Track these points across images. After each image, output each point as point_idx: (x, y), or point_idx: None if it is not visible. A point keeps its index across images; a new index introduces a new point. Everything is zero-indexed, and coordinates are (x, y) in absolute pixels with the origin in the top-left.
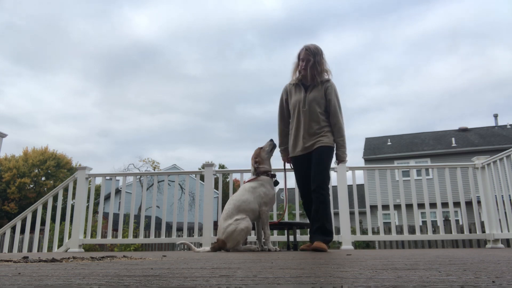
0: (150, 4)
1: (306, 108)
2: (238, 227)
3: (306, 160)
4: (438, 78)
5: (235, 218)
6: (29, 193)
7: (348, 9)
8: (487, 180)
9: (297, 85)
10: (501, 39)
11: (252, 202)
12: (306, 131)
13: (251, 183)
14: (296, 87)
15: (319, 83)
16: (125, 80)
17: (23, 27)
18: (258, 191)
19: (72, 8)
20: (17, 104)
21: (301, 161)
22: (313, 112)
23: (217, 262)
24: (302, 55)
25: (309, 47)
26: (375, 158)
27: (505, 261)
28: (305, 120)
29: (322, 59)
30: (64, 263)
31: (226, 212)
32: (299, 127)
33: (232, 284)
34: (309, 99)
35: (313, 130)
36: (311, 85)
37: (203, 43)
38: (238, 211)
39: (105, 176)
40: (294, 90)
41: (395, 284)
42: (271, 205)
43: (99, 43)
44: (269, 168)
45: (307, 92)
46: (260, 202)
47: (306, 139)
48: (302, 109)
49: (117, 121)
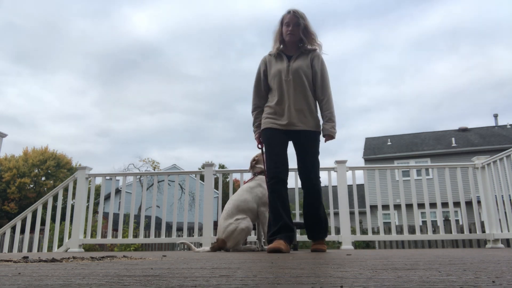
0: (149, 3)
1: (290, 78)
2: (238, 227)
3: (286, 138)
4: (438, 78)
5: (235, 217)
6: (29, 193)
7: (348, 8)
8: (487, 180)
9: (279, 54)
10: (501, 38)
11: (250, 202)
12: (293, 105)
13: (249, 183)
14: (277, 57)
15: (304, 51)
16: (125, 79)
17: (22, 26)
18: (256, 191)
19: (71, 7)
20: (16, 104)
21: (279, 137)
22: (299, 84)
23: (217, 262)
24: (288, 18)
25: (297, 10)
26: (375, 158)
27: (505, 261)
28: (289, 91)
29: (310, 24)
30: (64, 263)
31: (227, 212)
32: (282, 100)
33: (232, 284)
34: (293, 68)
35: (301, 106)
36: (295, 55)
37: (203, 42)
38: (238, 211)
39: (105, 176)
40: (274, 60)
41: (395, 284)
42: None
43: (98, 42)
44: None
45: (290, 61)
46: (258, 203)
47: (292, 114)
48: (285, 79)
49: (116, 120)
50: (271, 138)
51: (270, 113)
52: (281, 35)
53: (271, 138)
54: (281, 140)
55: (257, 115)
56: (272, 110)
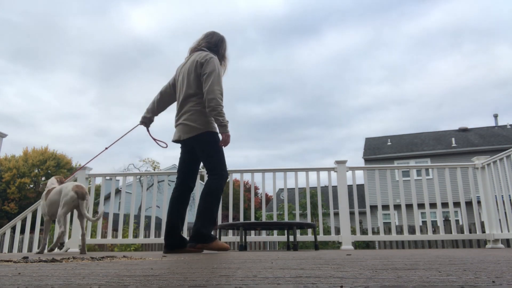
0: (148, 1)
1: None
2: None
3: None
4: (441, 76)
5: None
6: (29, 193)
7: (350, 5)
8: (487, 180)
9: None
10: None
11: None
12: None
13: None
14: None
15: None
16: (123, 78)
17: (19, 24)
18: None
19: (68, 5)
20: (14, 103)
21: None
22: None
23: (217, 262)
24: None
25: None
26: (375, 158)
27: (505, 261)
28: None
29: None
30: (64, 263)
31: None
32: None
33: (232, 284)
34: None
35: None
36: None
37: None
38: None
39: (105, 176)
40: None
41: (395, 284)
42: None
43: (96, 40)
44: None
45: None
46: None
47: None
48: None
49: (115, 120)
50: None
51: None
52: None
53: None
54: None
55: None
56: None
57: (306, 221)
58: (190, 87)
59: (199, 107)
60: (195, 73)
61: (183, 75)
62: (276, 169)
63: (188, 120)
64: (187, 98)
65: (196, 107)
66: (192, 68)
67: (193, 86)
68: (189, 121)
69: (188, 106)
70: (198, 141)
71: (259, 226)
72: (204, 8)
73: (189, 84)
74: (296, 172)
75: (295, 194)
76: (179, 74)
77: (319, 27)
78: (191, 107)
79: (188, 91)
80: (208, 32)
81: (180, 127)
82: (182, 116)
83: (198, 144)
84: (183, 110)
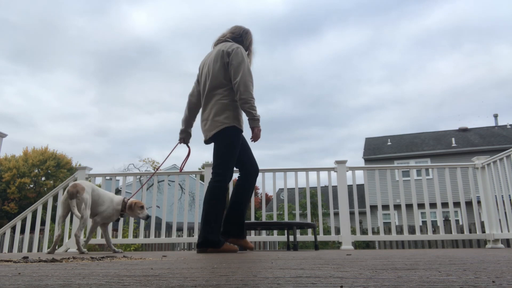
0: (148, 0)
1: None
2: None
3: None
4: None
5: None
6: (29, 193)
7: (350, 4)
8: (487, 180)
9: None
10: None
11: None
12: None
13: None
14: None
15: None
16: (123, 78)
17: (18, 23)
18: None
19: (68, 4)
20: (13, 103)
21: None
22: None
23: (217, 262)
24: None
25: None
26: (375, 158)
27: (505, 261)
28: None
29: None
30: (64, 263)
31: None
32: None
33: (232, 284)
34: None
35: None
36: None
37: (203, 40)
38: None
39: (105, 176)
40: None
41: (395, 284)
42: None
43: (96, 40)
44: None
45: None
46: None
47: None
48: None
49: (115, 120)
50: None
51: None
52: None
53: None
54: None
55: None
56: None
57: (306, 221)
58: (215, 77)
59: (226, 100)
60: (221, 62)
61: (208, 66)
62: (276, 169)
63: (215, 115)
64: (212, 90)
65: (223, 100)
66: (218, 58)
67: (219, 76)
68: (215, 116)
69: (215, 100)
70: (219, 134)
71: (259, 226)
72: (204, 8)
73: (214, 74)
74: (296, 172)
75: (295, 194)
76: (203, 67)
77: (319, 27)
78: (218, 101)
79: (213, 83)
80: (233, 26)
81: (207, 126)
82: (208, 111)
83: (218, 137)
84: (209, 105)
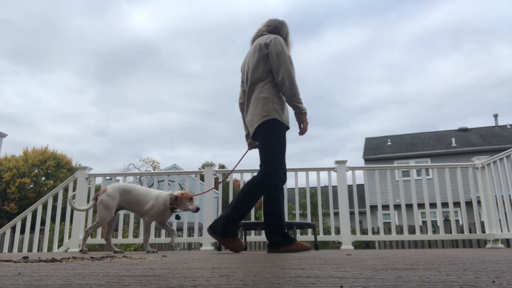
0: (148, 0)
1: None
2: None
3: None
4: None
5: None
6: (29, 193)
7: (350, 4)
8: (487, 180)
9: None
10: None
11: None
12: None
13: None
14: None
15: None
16: (123, 78)
17: (17, 23)
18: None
19: (68, 4)
20: (13, 103)
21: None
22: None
23: (217, 262)
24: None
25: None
26: (375, 158)
27: (505, 261)
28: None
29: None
30: (64, 263)
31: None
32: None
33: (232, 284)
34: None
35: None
36: None
37: (203, 40)
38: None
39: (105, 176)
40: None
41: (395, 284)
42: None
43: (96, 40)
44: None
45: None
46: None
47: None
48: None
49: (115, 120)
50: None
51: (286, 112)
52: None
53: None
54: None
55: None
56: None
57: (306, 221)
58: (255, 71)
59: (265, 94)
60: (259, 54)
61: (247, 63)
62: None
63: (255, 109)
64: (253, 85)
65: (262, 94)
66: (256, 51)
67: (258, 69)
68: (255, 109)
69: (255, 94)
70: (261, 128)
71: (259, 226)
72: (204, 8)
73: (254, 68)
74: (296, 172)
75: (295, 194)
76: (243, 66)
77: (319, 27)
78: (258, 94)
79: (253, 77)
80: (267, 20)
81: (250, 122)
82: (250, 107)
83: (260, 132)
84: (251, 100)
